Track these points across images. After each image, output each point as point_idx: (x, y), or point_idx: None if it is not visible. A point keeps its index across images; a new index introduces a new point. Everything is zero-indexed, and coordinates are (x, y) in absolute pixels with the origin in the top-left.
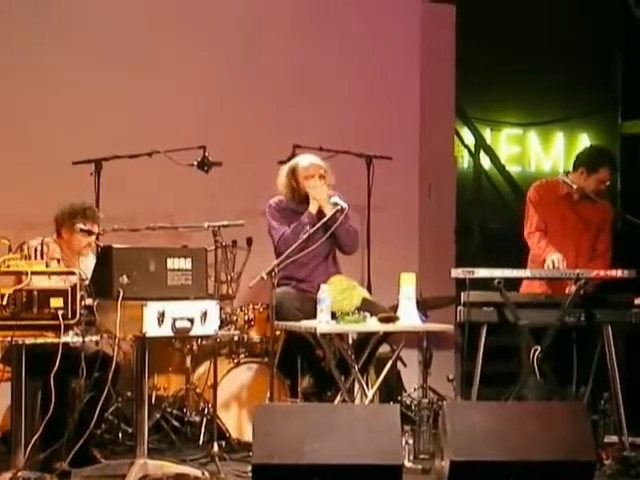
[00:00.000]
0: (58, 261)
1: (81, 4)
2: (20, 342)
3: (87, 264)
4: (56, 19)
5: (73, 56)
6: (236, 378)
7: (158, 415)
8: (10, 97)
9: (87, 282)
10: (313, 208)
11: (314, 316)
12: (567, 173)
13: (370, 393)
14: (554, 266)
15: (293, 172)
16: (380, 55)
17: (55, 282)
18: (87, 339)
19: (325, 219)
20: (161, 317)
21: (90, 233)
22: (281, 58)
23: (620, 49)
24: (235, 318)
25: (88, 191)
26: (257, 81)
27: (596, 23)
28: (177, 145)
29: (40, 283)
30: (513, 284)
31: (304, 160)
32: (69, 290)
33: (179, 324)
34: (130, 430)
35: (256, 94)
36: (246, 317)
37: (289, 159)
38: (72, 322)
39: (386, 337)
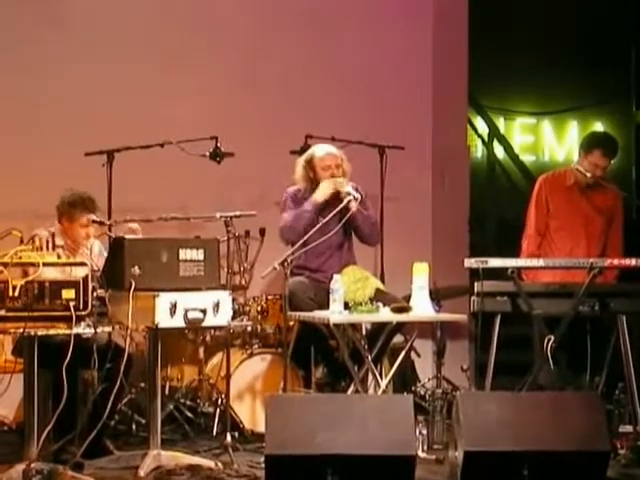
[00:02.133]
0: (63, 248)
1: None
2: (32, 333)
3: (93, 251)
4: (68, 9)
5: (84, 47)
6: (249, 369)
7: (171, 406)
8: (21, 89)
9: (99, 273)
10: (319, 196)
11: (328, 306)
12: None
13: (383, 383)
14: None
15: (310, 163)
16: (392, 44)
17: (61, 274)
18: (99, 330)
19: (338, 209)
20: (173, 308)
21: (101, 223)
22: (293, 48)
23: (634, 38)
24: (248, 309)
25: (100, 182)
26: (269, 71)
27: (610, 11)
28: (189, 136)
29: (50, 275)
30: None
31: (320, 150)
32: (81, 281)
33: (191, 315)
34: (143, 421)
35: (268, 84)
36: (259, 308)
37: (301, 149)
38: (84, 313)
39: (399, 327)
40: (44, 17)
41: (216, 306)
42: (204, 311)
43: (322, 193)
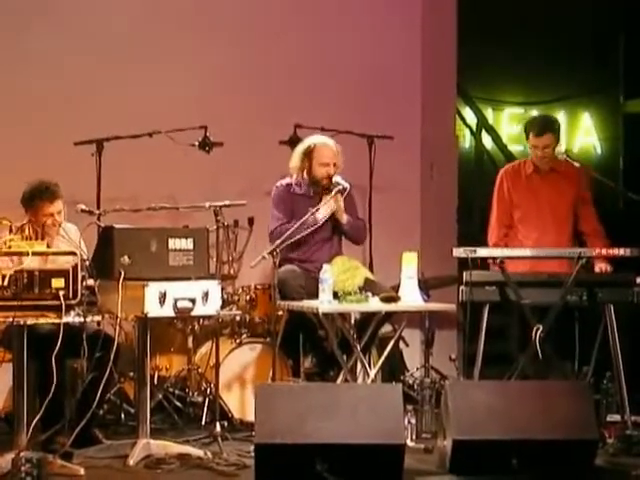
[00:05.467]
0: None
1: None
2: (22, 323)
3: (71, 237)
4: (58, 1)
5: (73, 38)
6: (238, 358)
7: (160, 395)
8: (11, 79)
9: (88, 262)
10: (321, 216)
11: (317, 295)
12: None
13: (372, 373)
14: None
15: (308, 155)
16: (381, 34)
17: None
18: (89, 319)
19: (326, 200)
20: (163, 297)
21: (90, 213)
22: (282, 38)
23: (622, 28)
24: (237, 298)
25: (89, 172)
26: (258, 61)
27: (598, 2)
28: (178, 125)
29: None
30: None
31: (320, 144)
32: (70, 270)
33: (181, 304)
34: (132, 410)
35: (257, 74)
36: (248, 297)
37: (290, 139)
38: (73, 302)
39: (388, 317)
40: (35, 8)
41: (205, 295)
42: (193, 300)
43: (324, 214)
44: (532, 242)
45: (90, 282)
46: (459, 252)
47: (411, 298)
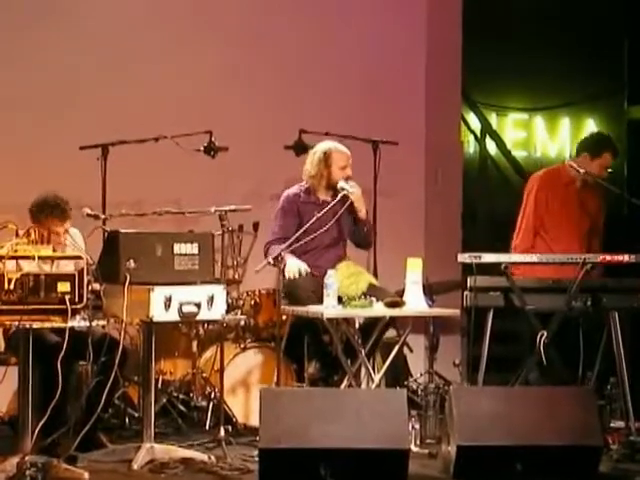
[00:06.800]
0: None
1: None
2: (27, 326)
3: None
4: (63, 3)
5: (78, 41)
6: (242, 363)
7: (165, 400)
8: (16, 82)
9: (94, 266)
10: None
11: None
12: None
13: (377, 378)
14: None
15: (328, 159)
16: (386, 39)
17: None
18: (94, 323)
19: (332, 204)
20: (168, 302)
21: (96, 217)
22: (287, 43)
23: (626, 33)
24: (242, 303)
25: (95, 176)
26: (263, 65)
27: (602, 7)
28: (183, 130)
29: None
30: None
31: (334, 149)
32: (76, 275)
33: (186, 309)
34: (137, 414)
35: (262, 79)
36: (252, 302)
37: (295, 144)
38: (79, 306)
39: (392, 321)
40: (39, 10)
41: (210, 300)
42: (198, 305)
43: (289, 272)
44: (562, 250)
45: (96, 286)
46: (464, 258)
47: (415, 303)
